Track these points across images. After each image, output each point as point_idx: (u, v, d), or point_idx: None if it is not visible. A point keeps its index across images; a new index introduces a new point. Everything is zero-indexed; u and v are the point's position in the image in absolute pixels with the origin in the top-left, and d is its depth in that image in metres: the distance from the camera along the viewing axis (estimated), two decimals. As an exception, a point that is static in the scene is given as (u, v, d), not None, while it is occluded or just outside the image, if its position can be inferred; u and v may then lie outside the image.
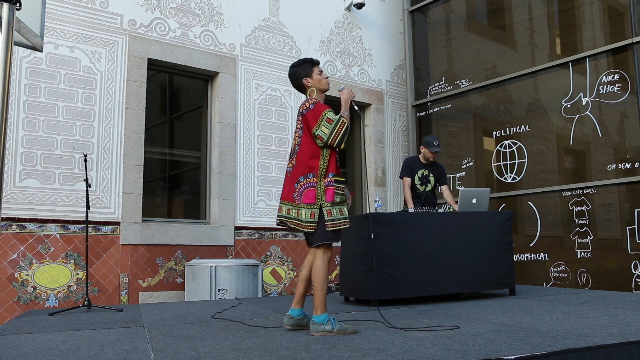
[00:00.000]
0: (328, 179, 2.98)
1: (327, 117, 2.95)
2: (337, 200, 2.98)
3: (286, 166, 3.16)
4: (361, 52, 7.50)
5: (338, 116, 2.98)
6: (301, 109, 3.06)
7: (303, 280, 3.10)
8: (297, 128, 3.10)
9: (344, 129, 2.95)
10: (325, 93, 3.26)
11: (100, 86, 5.37)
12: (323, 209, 2.93)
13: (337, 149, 3.02)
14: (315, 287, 2.92)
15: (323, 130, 2.94)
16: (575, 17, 6.13)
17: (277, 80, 6.60)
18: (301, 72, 3.16)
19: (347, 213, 3.03)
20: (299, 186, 2.97)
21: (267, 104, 6.50)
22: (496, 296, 4.73)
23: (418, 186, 5.27)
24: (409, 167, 5.30)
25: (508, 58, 6.76)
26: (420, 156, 5.35)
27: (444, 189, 5.38)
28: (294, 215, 2.98)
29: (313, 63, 3.18)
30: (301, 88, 3.20)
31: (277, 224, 3.14)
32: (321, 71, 3.19)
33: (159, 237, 5.52)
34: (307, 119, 2.99)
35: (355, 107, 3.20)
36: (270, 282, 6.19)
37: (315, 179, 2.96)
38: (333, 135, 2.93)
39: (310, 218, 2.92)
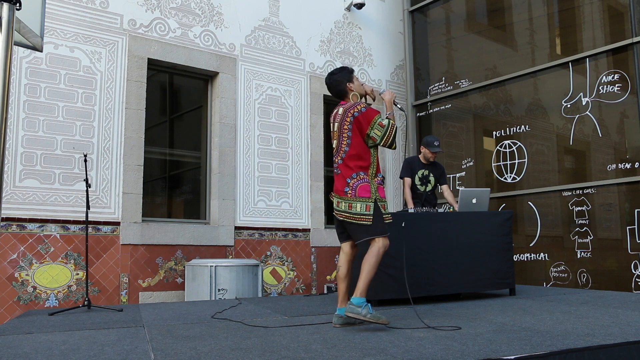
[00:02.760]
0: (378, 178, 3.22)
1: (379, 122, 3.17)
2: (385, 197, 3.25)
3: (334, 162, 3.32)
4: (361, 52, 7.50)
5: (388, 120, 3.20)
6: (352, 111, 3.20)
7: (342, 279, 3.25)
8: (344, 129, 3.21)
9: (394, 131, 3.18)
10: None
11: (100, 86, 5.37)
12: (378, 203, 3.14)
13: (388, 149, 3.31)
14: (364, 269, 3.07)
15: (376, 133, 3.16)
16: (575, 17, 6.13)
17: (277, 80, 6.61)
18: (343, 78, 3.36)
19: None
20: (352, 182, 3.14)
21: (267, 104, 6.50)
22: (496, 296, 4.73)
23: (418, 186, 5.28)
24: (409, 167, 5.30)
25: (508, 58, 6.76)
26: (421, 156, 5.35)
27: (444, 188, 5.39)
28: (343, 208, 3.15)
29: (350, 70, 3.40)
30: (343, 93, 3.37)
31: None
32: (357, 78, 3.43)
33: (159, 237, 5.52)
34: (359, 122, 3.17)
35: (399, 106, 3.45)
36: (270, 282, 6.19)
37: (367, 177, 3.17)
38: (385, 137, 3.16)
39: (365, 211, 3.10)
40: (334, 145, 3.31)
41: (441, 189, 5.45)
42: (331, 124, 3.38)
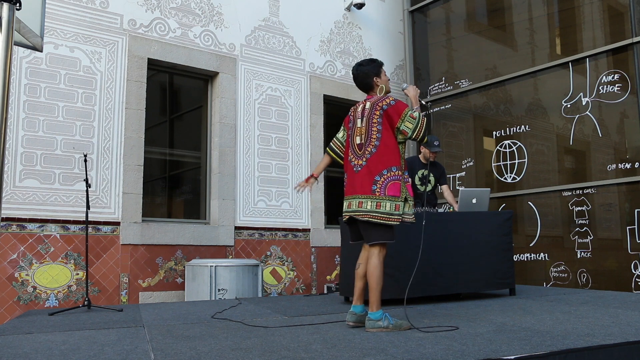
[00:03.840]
0: (405, 175, 3.14)
1: (410, 114, 3.08)
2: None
3: (349, 160, 3.20)
4: (361, 52, 7.50)
5: (418, 113, 3.12)
6: (381, 104, 3.12)
7: (361, 277, 3.17)
8: (372, 123, 3.11)
9: (425, 123, 3.11)
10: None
11: (100, 86, 5.37)
12: (409, 201, 3.08)
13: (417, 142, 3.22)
14: (371, 284, 3.01)
15: (407, 126, 3.07)
16: (575, 17, 6.13)
17: (277, 80, 6.61)
18: (372, 71, 3.26)
19: None
20: (382, 179, 3.02)
21: (267, 104, 6.50)
22: (496, 296, 4.73)
23: (418, 186, 5.27)
24: (409, 168, 5.30)
25: (508, 58, 6.75)
26: (420, 156, 5.35)
27: (444, 188, 5.38)
28: (371, 207, 3.01)
29: (380, 64, 3.30)
30: (368, 86, 3.29)
31: (345, 221, 3.21)
32: (385, 72, 3.33)
33: (159, 237, 5.52)
34: (389, 115, 3.08)
35: (423, 102, 3.38)
36: (270, 282, 6.19)
37: (400, 172, 3.07)
38: (417, 130, 3.07)
39: (395, 210, 3.01)
40: (357, 142, 3.14)
41: (441, 189, 5.44)
42: (353, 120, 3.25)
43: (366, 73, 3.26)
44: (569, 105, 5.97)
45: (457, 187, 6.87)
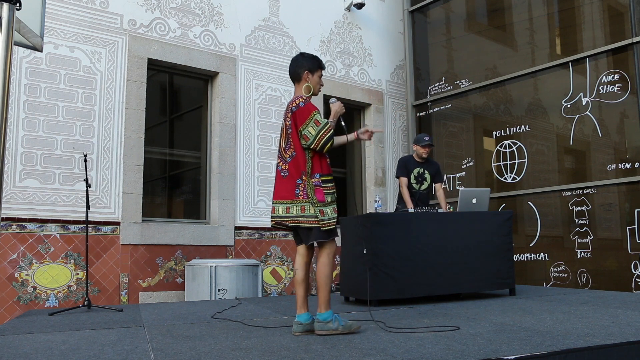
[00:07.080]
0: (315, 179, 2.93)
1: (315, 119, 2.91)
2: (329, 200, 2.94)
3: (277, 165, 3.05)
4: (361, 52, 7.50)
5: (325, 121, 2.94)
6: (290, 106, 2.98)
7: (300, 282, 2.99)
8: (286, 125, 3.00)
9: (329, 134, 2.90)
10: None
11: (100, 86, 5.37)
12: (315, 208, 2.89)
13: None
14: (320, 283, 2.90)
15: (309, 131, 2.89)
16: (575, 17, 6.13)
17: (277, 80, 6.60)
18: (307, 64, 3.07)
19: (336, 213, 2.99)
20: (303, 183, 2.90)
21: (267, 104, 6.50)
22: (496, 296, 4.73)
23: (414, 185, 5.27)
24: (404, 167, 5.28)
25: (508, 58, 6.75)
26: (414, 155, 5.34)
27: (437, 187, 5.35)
28: (297, 212, 2.90)
29: (321, 65, 3.13)
30: (297, 77, 3.10)
31: (272, 226, 3.05)
32: (321, 77, 3.16)
33: (159, 237, 5.52)
34: (295, 117, 2.93)
35: (342, 123, 3.15)
36: (270, 282, 6.19)
37: (305, 178, 2.91)
38: (318, 137, 2.89)
39: (321, 215, 2.86)
40: (283, 146, 3.01)
41: (435, 188, 5.40)
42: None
43: (301, 63, 3.07)
44: (569, 105, 5.97)
45: (457, 187, 6.87)
